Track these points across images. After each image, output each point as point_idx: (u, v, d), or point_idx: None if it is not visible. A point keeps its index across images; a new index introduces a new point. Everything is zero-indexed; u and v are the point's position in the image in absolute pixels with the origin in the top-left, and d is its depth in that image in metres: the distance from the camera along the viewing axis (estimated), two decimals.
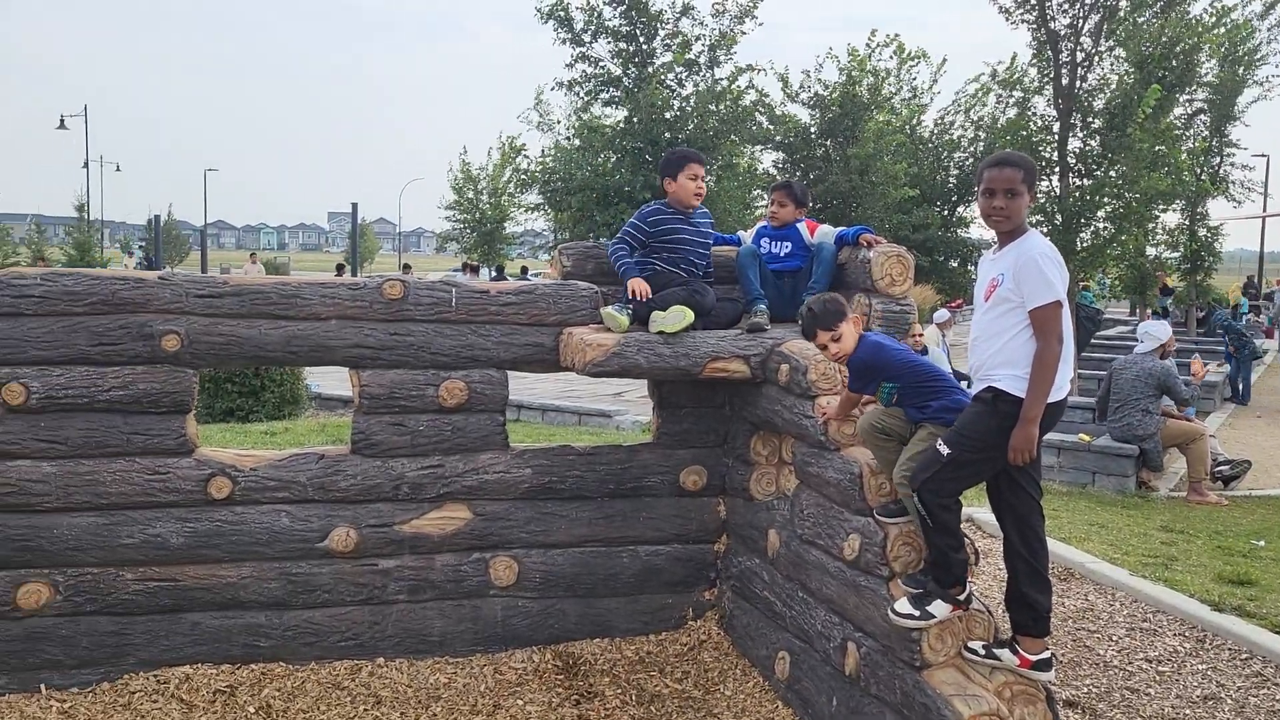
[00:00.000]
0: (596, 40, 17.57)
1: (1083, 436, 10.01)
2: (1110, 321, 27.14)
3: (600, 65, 17.66)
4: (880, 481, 3.89)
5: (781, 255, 5.30)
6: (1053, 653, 3.69)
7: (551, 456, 5.10)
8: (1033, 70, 14.95)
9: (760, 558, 4.86)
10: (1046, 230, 13.42)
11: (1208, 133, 21.82)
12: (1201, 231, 23.63)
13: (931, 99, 27.57)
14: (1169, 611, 5.50)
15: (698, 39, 17.81)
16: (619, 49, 17.62)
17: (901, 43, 24.83)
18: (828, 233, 5.26)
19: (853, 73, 22.16)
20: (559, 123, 18.81)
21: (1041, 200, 13.55)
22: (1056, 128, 14.11)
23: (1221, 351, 18.28)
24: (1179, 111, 18.47)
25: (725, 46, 17.89)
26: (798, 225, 5.34)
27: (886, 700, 3.73)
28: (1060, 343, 3.46)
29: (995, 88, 23.17)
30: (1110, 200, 13.64)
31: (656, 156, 17.26)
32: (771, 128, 21.82)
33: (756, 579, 4.86)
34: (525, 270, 25.85)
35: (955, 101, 28.11)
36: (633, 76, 17.62)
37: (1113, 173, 13.58)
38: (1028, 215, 3.72)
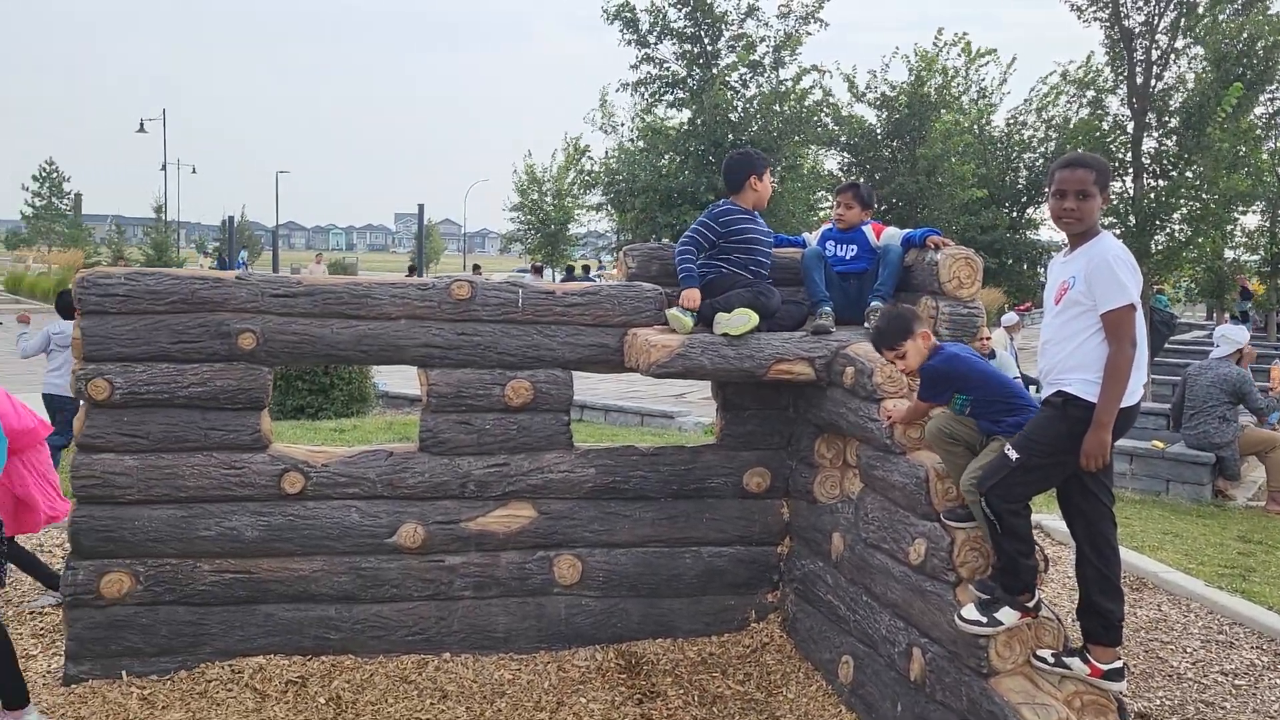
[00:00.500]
0: (661, 41, 17.62)
1: (1156, 443, 9.78)
2: (1185, 326, 26.45)
3: (665, 66, 17.70)
4: (947, 485, 3.85)
5: (847, 257, 5.27)
6: (1125, 662, 3.63)
7: (615, 456, 5.14)
8: (1106, 69, 14.65)
9: (824, 561, 4.84)
10: (1119, 232, 13.15)
11: None
12: None
13: (1001, 99, 27.09)
14: (1246, 624, 5.35)
15: (762, 40, 17.78)
16: (683, 50, 17.65)
17: (969, 42, 24.46)
18: (894, 235, 5.22)
19: (921, 72, 21.89)
20: (623, 125, 18.90)
21: (1115, 202, 13.27)
22: (1131, 127, 13.81)
23: None
24: (1259, 111, 17.94)
25: (790, 47, 17.82)
26: (864, 227, 5.30)
27: (952, 707, 3.70)
28: (1134, 347, 3.39)
29: (1067, 87, 22.77)
30: (1187, 202, 13.31)
31: (719, 158, 17.24)
32: (837, 129, 21.63)
33: (820, 582, 4.84)
34: (586, 270, 25.96)
35: (1027, 101, 27.58)
36: (697, 78, 17.63)
37: (1189, 173, 13.25)
38: (1100, 217, 3.65)
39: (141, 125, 51.26)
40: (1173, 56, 13.71)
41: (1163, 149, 13.63)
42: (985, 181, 24.04)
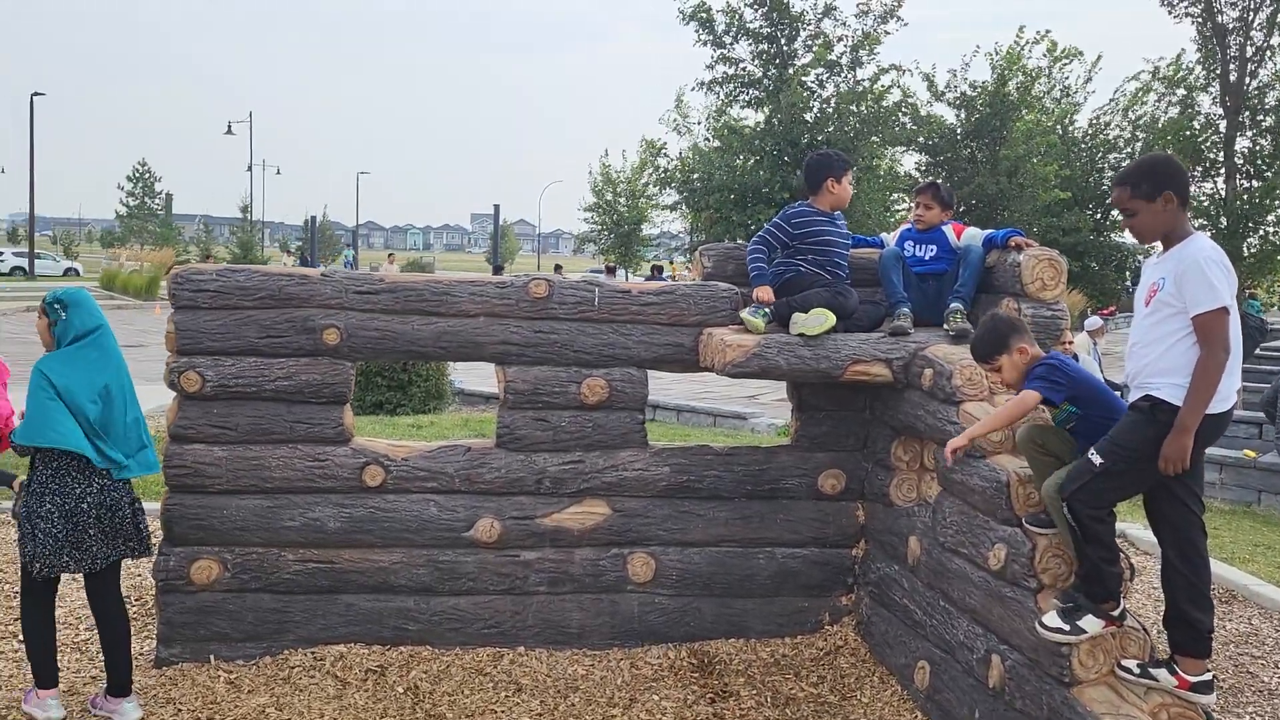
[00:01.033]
0: (737, 41, 17.59)
1: (1248, 453, 9.47)
2: (1278, 333, 25.49)
3: (741, 66, 17.66)
4: (1028, 490, 3.78)
5: (926, 258, 5.21)
6: (1214, 675, 3.52)
7: (690, 456, 5.15)
8: (1198, 66, 14.22)
9: (900, 564, 4.79)
10: (1210, 234, 12.74)
11: None
12: None
13: (1085, 98, 26.46)
14: None
15: (840, 40, 17.63)
16: (759, 50, 17.58)
17: (1053, 40, 23.94)
18: (975, 235, 5.14)
19: (1004, 71, 21.48)
20: (699, 124, 18.91)
21: (1204, 203, 12.88)
22: (1223, 126, 13.39)
23: None
24: None
25: (868, 47, 17.65)
26: (943, 228, 5.24)
27: (1032, 716, 3.63)
28: (1226, 352, 3.29)
29: (1156, 85, 22.15)
30: None
31: (795, 158, 17.15)
32: (915, 128, 21.35)
33: (896, 586, 4.79)
34: (659, 270, 26.02)
35: (1112, 100, 26.88)
36: (773, 78, 17.55)
37: None
38: (1179, 220, 3.45)
39: (229, 128, 52.75)
40: (1268, 53, 13.27)
41: (1257, 149, 13.22)
42: (1068, 183, 23.48)
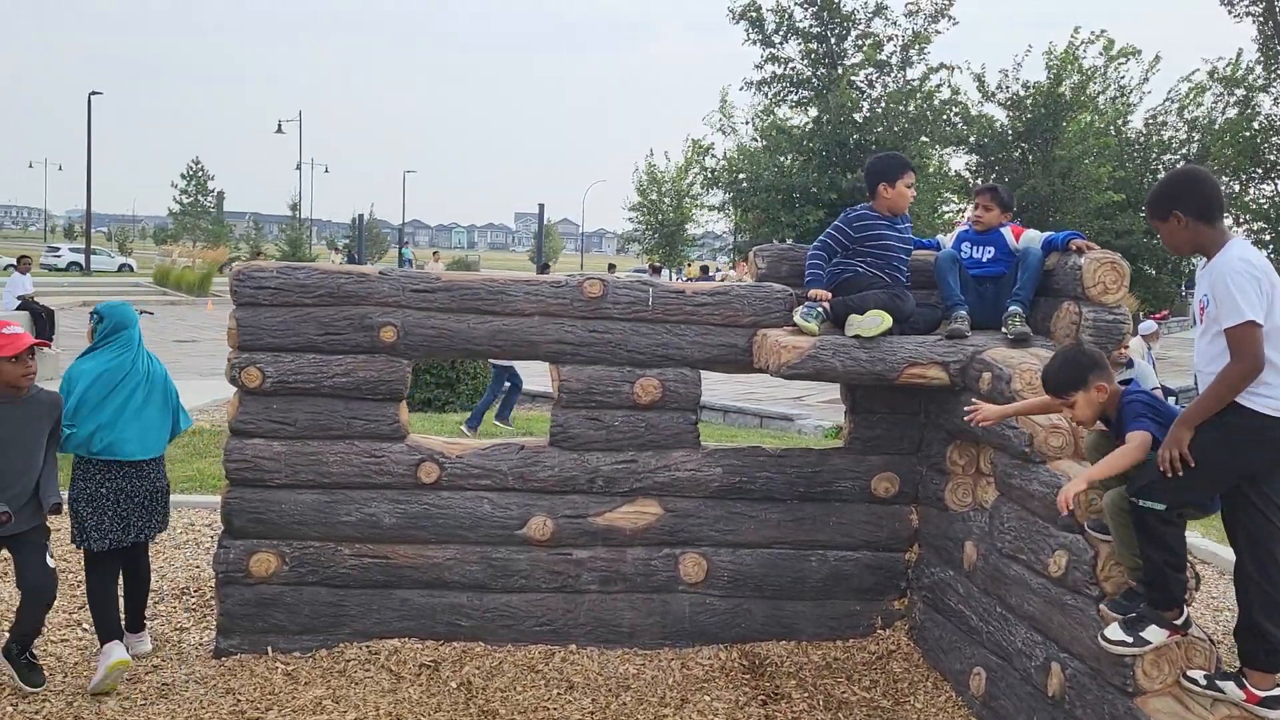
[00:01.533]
0: (787, 41, 17.52)
1: None
2: None
3: (790, 66, 17.58)
4: (1090, 496, 3.73)
5: (984, 260, 5.15)
6: None
7: (742, 457, 5.14)
8: (1258, 66, 13.92)
9: (955, 570, 4.74)
10: (1270, 237, 12.48)
11: None
12: None
13: (1141, 98, 26.01)
14: None
15: (890, 39, 17.50)
16: (809, 49, 17.50)
17: (1110, 39, 23.55)
18: (1034, 237, 5.08)
19: (1058, 71, 21.17)
20: (746, 123, 18.86)
21: (1264, 205, 12.60)
22: None
23: None
24: None
25: (918, 46, 17.50)
26: (1002, 230, 5.18)
27: None
28: (1255, 364, 3.23)
29: (1214, 85, 21.73)
30: None
31: (844, 158, 17.07)
32: (965, 128, 21.12)
33: (950, 591, 4.75)
34: (706, 270, 25.98)
35: (1167, 100, 26.41)
36: (822, 77, 17.45)
37: None
38: (1212, 231, 3.40)
39: (279, 126, 53.46)
40: None
41: None
42: (1121, 185, 23.12)
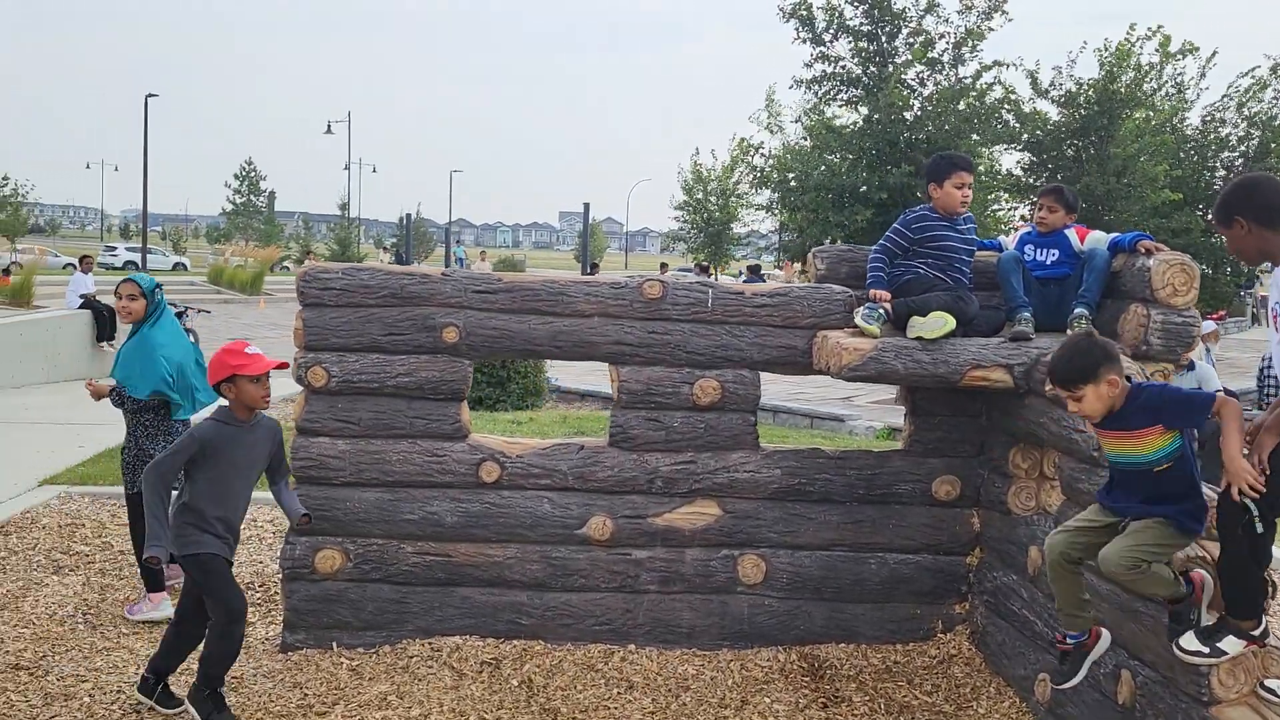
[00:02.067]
0: (837, 39, 17.41)
1: None
2: None
3: (840, 64, 17.47)
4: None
5: (1047, 262, 5.09)
6: None
7: (801, 458, 5.12)
8: None
9: (1019, 574, 4.69)
10: None
11: None
12: None
13: (1198, 94, 25.49)
14: None
15: (941, 37, 17.33)
16: (859, 48, 17.38)
17: (1166, 35, 23.11)
18: (1100, 239, 5.00)
19: (1113, 68, 20.82)
20: (795, 121, 18.78)
21: None
22: None
23: None
24: None
25: (970, 43, 17.31)
26: (1066, 231, 5.11)
27: None
28: None
29: (1275, 81, 21.25)
30: None
31: (894, 157, 16.95)
32: (1018, 126, 20.83)
33: (1014, 596, 4.70)
34: (757, 269, 25.87)
35: (1226, 96, 25.84)
36: (872, 76, 17.33)
37: None
38: (1274, 239, 3.31)
39: (329, 127, 54.13)
40: None
41: None
42: (1178, 183, 22.68)
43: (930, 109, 17.31)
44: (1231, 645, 3.32)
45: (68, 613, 5.25)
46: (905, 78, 17.16)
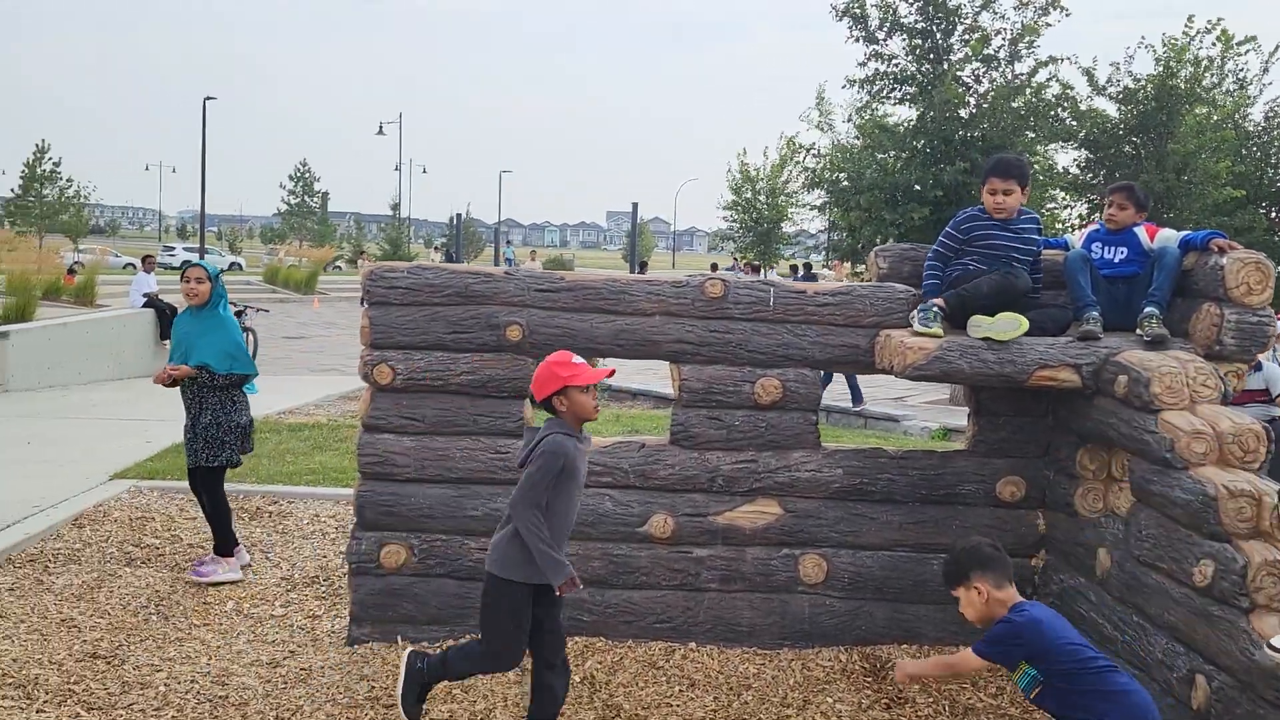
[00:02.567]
0: (891, 37, 17.23)
1: None
2: None
3: (894, 62, 17.30)
4: (1240, 504, 3.62)
5: (1116, 261, 5.02)
6: None
7: (863, 458, 5.10)
8: None
9: (1086, 577, 4.63)
10: None
11: None
12: None
13: (1261, 89, 24.88)
14: None
15: (997, 33, 17.08)
16: (913, 45, 17.19)
17: (1226, 29, 22.58)
18: (1170, 237, 4.93)
19: (1170, 63, 20.39)
20: (847, 120, 18.63)
21: None
22: None
23: None
24: None
25: (1027, 40, 17.04)
26: (1135, 229, 5.04)
27: None
28: None
29: None
30: None
31: (949, 155, 16.76)
32: (1075, 123, 20.47)
33: (1081, 599, 4.64)
34: (808, 268, 25.70)
35: None
36: (926, 73, 17.14)
37: None
38: None
39: (380, 128, 54.74)
40: None
41: None
42: (1241, 179, 22.16)
43: (985, 106, 17.07)
44: None
45: (141, 604, 5.38)
46: (960, 74, 16.93)
